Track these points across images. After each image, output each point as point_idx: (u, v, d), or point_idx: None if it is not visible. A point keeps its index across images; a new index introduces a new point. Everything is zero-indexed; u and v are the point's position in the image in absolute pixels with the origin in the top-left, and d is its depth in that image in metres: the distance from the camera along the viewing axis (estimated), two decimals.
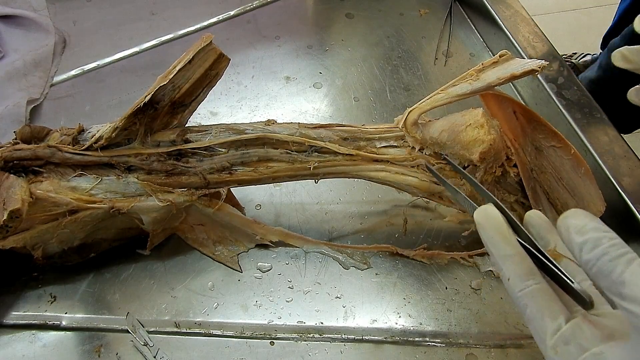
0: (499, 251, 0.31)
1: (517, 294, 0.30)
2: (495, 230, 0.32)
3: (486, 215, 0.33)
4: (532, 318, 0.29)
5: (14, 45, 0.73)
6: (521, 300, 0.30)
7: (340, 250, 0.53)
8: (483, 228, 0.32)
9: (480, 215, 0.33)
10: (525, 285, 0.30)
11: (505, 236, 0.31)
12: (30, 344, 0.47)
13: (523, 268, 0.30)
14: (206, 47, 0.47)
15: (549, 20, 1.79)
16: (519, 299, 0.30)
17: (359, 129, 0.51)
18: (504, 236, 0.31)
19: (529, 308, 0.29)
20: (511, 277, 0.30)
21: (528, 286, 0.30)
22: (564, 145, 0.49)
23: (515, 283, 0.30)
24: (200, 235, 0.53)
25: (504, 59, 0.47)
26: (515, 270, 0.30)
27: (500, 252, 0.31)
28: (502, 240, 0.31)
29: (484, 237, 0.32)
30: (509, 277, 0.30)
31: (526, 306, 0.30)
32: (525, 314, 0.30)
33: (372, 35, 0.79)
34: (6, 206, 0.44)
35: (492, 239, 0.32)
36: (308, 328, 0.48)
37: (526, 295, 0.30)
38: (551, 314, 0.29)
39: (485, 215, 0.33)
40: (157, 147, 0.49)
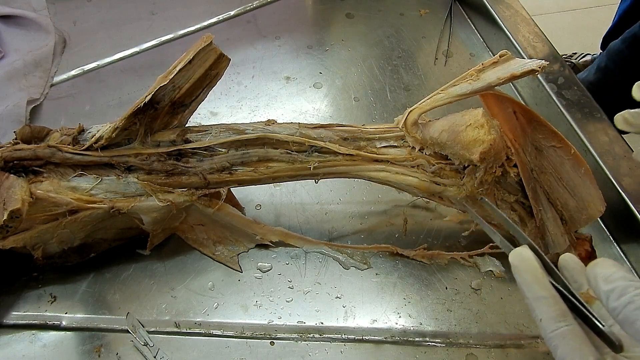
0: (533, 293, 0.32)
1: (549, 334, 0.31)
2: (529, 273, 0.33)
3: (521, 258, 0.34)
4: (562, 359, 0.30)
5: (14, 45, 0.73)
6: (553, 340, 0.31)
7: (341, 250, 0.53)
8: (518, 271, 0.34)
9: (515, 257, 0.34)
10: (557, 327, 0.31)
11: (539, 279, 0.33)
12: (30, 344, 0.47)
13: (555, 310, 0.31)
14: (206, 48, 0.47)
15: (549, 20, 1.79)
16: (550, 340, 0.31)
17: (359, 129, 0.50)
18: (538, 279, 0.33)
19: (559, 349, 0.30)
20: (544, 318, 0.32)
21: (560, 327, 0.31)
22: (564, 145, 0.49)
23: (547, 324, 0.31)
24: (200, 235, 0.53)
25: (504, 59, 0.47)
26: (548, 312, 0.32)
27: (534, 294, 0.32)
28: (536, 283, 0.33)
29: (519, 279, 0.34)
30: (541, 318, 0.32)
31: (557, 347, 0.31)
32: (557, 354, 0.31)
33: (372, 35, 0.79)
34: (6, 206, 0.44)
35: (526, 282, 0.33)
36: (308, 328, 0.48)
37: (557, 336, 0.31)
38: (581, 356, 0.30)
39: (520, 258, 0.34)
40: (157, 147, 0.49)
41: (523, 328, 0.49)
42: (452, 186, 0.48)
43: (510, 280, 0.52)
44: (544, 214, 0.49)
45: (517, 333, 0.48)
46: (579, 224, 0.50)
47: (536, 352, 0.47)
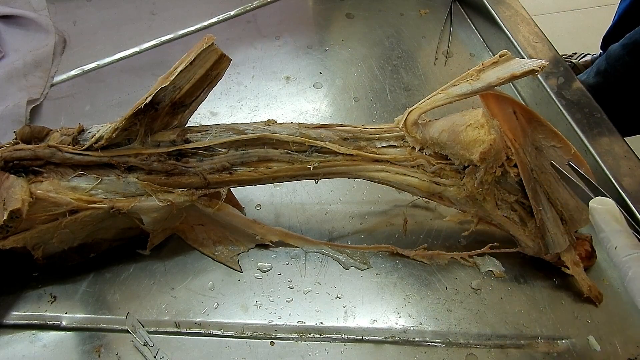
0: (610, 227, 0.37)
1: (622, 259, 0.35)
2: (609, 213, 0.38)
3: (602, 201, 0.39)
4: (634, 277, 0.35)
5: (14, 45, 0.73)
6: (626, 263, 0.35)
7: (340, 250, 0.53)
8: (597, 211, 0.38)
9: (596, 200, 0.39)
10: (632, 252, 0.35)
11: (618, 217, 0.37)
12: (30, 344, 0.47)
13: (631, 240, 0.36)
14: (208, 49, 0.47)
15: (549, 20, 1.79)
16: (623, 263, 0.35)
17: (359, 129, 0.50)
18: (616, 217, 0.37)
19: (632, 269, 0.35)
20: (619, 246, 0.36)
21: (634, 252, 0.35)
22: (564, 145, 0.49)
23: (622, 251, 0.36)
24: (200, 235, 0.53)
25: (504, 59, 0.47)
26: (624, 241, 0.36)
27: (612, 228, 0.37)
28: (614, 220, 0.37)
29: (597, 217, 0.38)
30: (617, 246, 0.36)
31: (630, 268, 0.35)
32: (628, 275, 0.35)
33: (372, 35, 0.79)
34: (6, 206, 0.44)
35: (605, 219, 0.37)
36: (308, 328, 0.48)
37: (631, 259, 0.35)
38: None
39: (600, 201, 0.39)
40: (157, 147, 0.49)
41: (523, 328, 0.49)
42: (452, 186, 0.48)
43: (510, 280, 0.52)
44: (544, 214, 0.49)
45: (517, 333, 0.48)
46: (579, 224, 0.50)
47: (536, 352, 0.47)
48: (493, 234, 0.54)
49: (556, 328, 0.48)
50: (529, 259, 0.52)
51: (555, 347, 0.47)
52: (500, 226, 0.51)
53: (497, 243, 0.52)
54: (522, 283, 0.52)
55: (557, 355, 0.47)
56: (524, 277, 0.52)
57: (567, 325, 0.49)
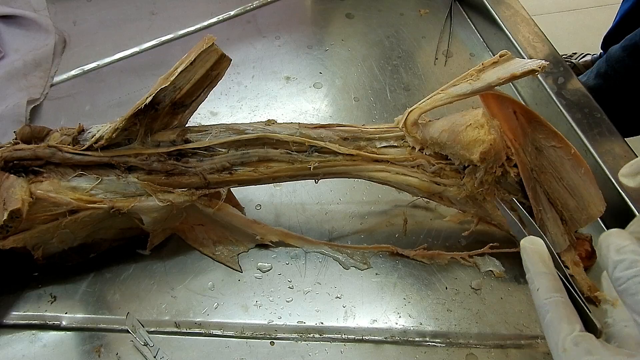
0: (536, 269, 0.36)
1: (542, 301, 0.34)
2: (537, 254, 0.37)
3: (532, 241, 0.38)
4: (550, 321, 0.33)
5: (14, 45, 0.73)
6: (545, 307, 0.34)
7: (341, 250, 0.53)
8: (526, 251, 0.37)
9: (527, 240, 0.38)
10: (552, 296, 0.34)
11: (544, 259, 0.36)
12: (30, 344, 0.47)
13: (553, 284, 0.35)
14: (208, 49, 0.47)
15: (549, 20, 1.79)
16: (543, 306, 0.34)
17: (359, 129, 0.50)
18: (543, 259, 0.36)
19: (549, 313, 0.34)
20: (540, 288, 0.35)
21: (554, 297, 0.34)
22: (564, 145, 0.49)
23: (543, 293, 0.35)
24: (200, 235, 0.53)
25: (504, 59, 0.47)
26: (546, 284, 0.35)
27: (537, 269, 0.36)
28: (540, 261, 0.36)
29: (525, 257, 0.37)
30: (538, 287, 0.35)
31: (547, 312, 0.34)
32: (545, 318, 0.34)
33: (372, 35, 0.79)
34: (6, 206, 0.44)
35: (532, 260, 0.37)
36: (308, 328, 0.48)
37: (550, 303, 0.34)
38: (569, 321, 0.33)
39: (531, 241, 0.38)
40: (157, 147, 0.49)
41: (523, 328, 0.49)
42: (452, 186, 0.48)
43: (510, 280, 0.52)
44: (544, 214, 0.49)
45: (517, 333, 0.48)
46: (579, 224, 0.50)
47: (536, 352, 0.47)
48: (493, 234, 0.54)
49: None
50: None
51: None
52: (500, 226, 0.51)
53: (497, 243, 0.52)
54: (522, 283, 0.52)
55: None
56: (524, 277, 0.52)
57: None
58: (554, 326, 0.33)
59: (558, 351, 0.32)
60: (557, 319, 0.33)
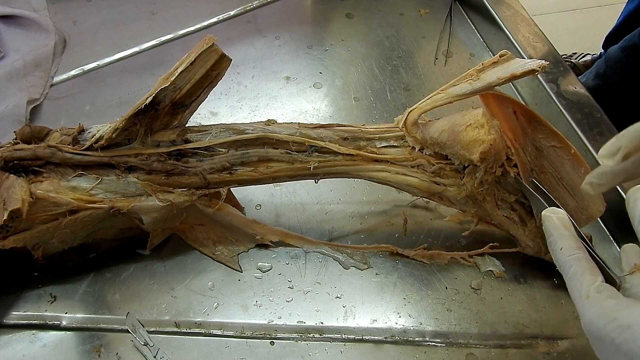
0: (558, 232, 0.38)
1: (566, 257, 0.36)
2: (559, 220, 0.39)
3: (553, 210, 0.40)
4: (574, 274, 0.35)
5: (14, 45, 0.73)
6: (568, 262, 0.36)
7: (340, 250, 0.53)
8: (547, 218, 0.40)
9: (548, 210, 0.40)
10: (575, 252, 0.36)
11: (565, 224, 0.39)
12: (30, 344, 0.47)
13: (575, 243, 0.37)
14: (208, 49, 0.47)
15: (549, 20, 1.79)
16: (566, 262, 0.36)
17: (359, 129, 0.50)
18: (565, 223, 0.39)
19: (573, 267, 0.35)
20: (564, 247, 0.37)
21: (577, 253, 0.36)
22: (564, 145, 0.49)
23: (567, 250, 0.37)
24: (200, 235, 0.53)
25: (504, 59, 0.47)
26: (569, 243, 0.37)
27: (559, 232, 0.38)
28: (562, 225, 0.39)
29: (547, 223, 0.39)
30: (562, 247, 0.37)
31: (571, 266, 0.35)
32: (569, 272, 0.35)
33: (372, 35, 0.79)
34: (6, 206, 0.44)
35: (554, 224, 0.39)
36: (308, 328, 0.48)
37: (574, 258, 0.36)
38: (592, 273, 0.35)
39: (552, 210, 0.40)
40: (157, 147, 0.49)
41: (523, 328, 0.49)
42: (452, 186, 0.48)
43: (510, 280, 0.52)
44: None
45: (517, 333, 0.48)
46: (579, 224, 0.50)
47: (536, 352, 0.47)
48: (493, 234, 0.54)
49: (556, 328, 0.48)
50: (529, 259, 0.52)
51: (555, 347, 0.47)
52: (500, 226, 0.51)
53: (497, 243, 0.52)
54: (522, 283, 0.52)
55: (557, 355, 0.47)
56: (524, 277, 0.52)
57: (567, 325, 0.49)
58: (577, 277, 0.35)
59: (581, 298, 0.34)
60: (580, 271, 0.35)
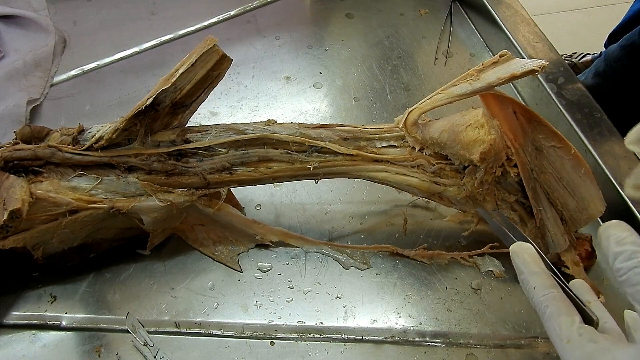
0: (528, 269, 0.38)
1: (540, 298, 0.36)
2: (528, 255, 0.39)
3: (521, 246, 0.40)
4: (551, 316, 0.35)
5: (14, 45, 0.72)
6: (543, 302, 0.35)
7: (341, 250, 0.53)
8: (517, 254, 0.39)
9: (516, 245, 0.40)
10: (549, 292, 0.36)
11: (535, 260, 0.38)
12: (30, 344, 0.47)
13: (547, 281, 0.36)
14: (209, 50, 0.47)
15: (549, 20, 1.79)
16: (541, 302, 0.35)
17: (359, 129, 0.50)
18: (534, 259, 0.38)
19: (549, 308, 0.35)
20: (537, 286, 0.36)
21: (551, 292, 0.36)
22: (564, 145, 0.49)
23: (540, 290, 0.36)
24: (200, 235, 0.53)
25: (504, 59, 0.47)
26: (541, 281, 0.36)
27: (530, 269, 0.38)
28: (532, 261, 0.38)
29: (517, 260, 0.39)
30: (535, 286, 0.36)
31: (547, 307, 0.35)
32: (545, 314, 0.35)
33: (371, 35, 0.79)
34: (6, 206, 0.44)
35: (524, 261, 0.38)
36: (308, 328, 0.48)
37: (548, 298, 0.35)
38: (568, 313, 0.34)
39: (520, 246, 0.40)
40: (157, 147, 0.49)
41: (523, 328, 0.49)
42: (452, 186, 0.48)
43: (510, 280, 0.52)
44: (544, 214, 0.49)
45: (517, 333, 0.48)
46: (579, 224, 0.50)
47: (536, 352, 0.47)
48: (493, 234, 0.54)
49: None
50: None
51: None
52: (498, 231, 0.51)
53: (497, 243, 0.52)
54: None
55: (557, 355, 0.46)
56: None
57: None
58: (555, 319, 0.34)
59: (562, 343, 0.33)
60: (556, 312, 0.34)
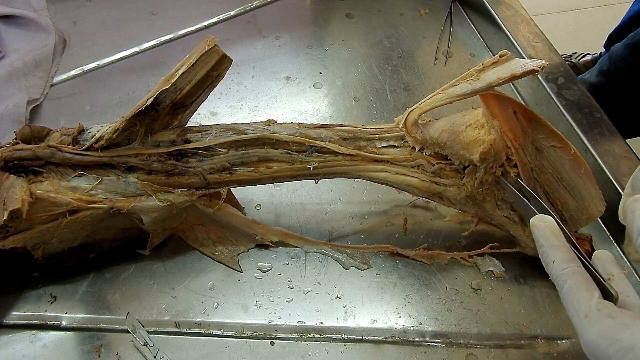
0: (549, 242, 0.37)
1: (559, 272, 0.35)
2: (548, 228, 0.38)
3: (542, 219, 0.39)
4: (569, 290, 0.34)
5: (14, 45, 0.73)
6: (562, 276, 0.35)
7: (341, 250, 0.53)
8: (537, 227, 0.38)
9: (537, 218, 0.39)
10: (568, 266, 0.35)
11: (556, 233, 0.38)
12: (30, 344, 0.47)
13: (567, 255, 0.36)
14: (210, 50, 0.47)
15: (549, 20, 1.79)
16: (560, 276, 0.35)
17: (359, 129, 0.50)
18: (555, 233, 0.38)
19: (567, 283, 0.34)
20: (556, 259, 0.36)
21: (570, 266, 0.35)
22: (564, 145, 0.49)
23: (559, 264, 0.35)
24: (200, 235, 0.53)
25: (504, 59, 0.47)
26: (561, 255, 0.36)
27: (550, 243, 0.37)
28: (552, 235, 0.37)
29: (537, 233, 0.38)
30: (554, 260, 0.36)
31: (565, 282, 0.34)
32: (564, 288, 0.34)
33: (371, 35, 0.79)
34: (6, 206, 0.44)
35: (544, 234, 0.38)
36: (308, 328, 0.48)
37: (567, 273, 0.35)
38: (587, 288, 0.34)
39: (541, 219, 0.39)
40: (157, 147, 0.49)
41: (523, 328, 0.49)
42: (452, 186, 0.48)
43: (510, 280, 0.52)
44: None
45: (517, 333, 0.48)
46: (579, 224, 0.50)
47: (536, 352, 0.47)
48: (493, 234, 0.54)
49: (556, 328, 0.48)
50: (529, 259, 0.52)
51: (555, 347, 0.47)
52: (500, 226, 0.51)
53: (497, 243, 0.52)
54: (522, 283, 0.52)
55: (557, 355, 0.47)
56: (524, 277, 0.52)
57: (567, 325, 0.49)
58: (573, 294, 0.34)
59: (580, 317, 0.33)
60: (575, 287, 0.34)
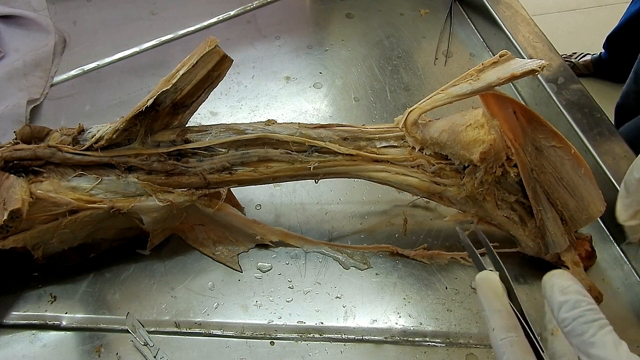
0: (490, 306, 0.35)
1: (498, 342, 0.33)
2: (491, 290, 0.36)
3: (486, 277, 0.37)
4: None
5: (14, 45, 0.73)
6: (501, 348, 0.33)
7: (341, 250, 0.53)
8: (480, 287, 0.37)
9: (481, 276, 0.38)
10: (507, 336, 0.33)
11: (499, 296, 0.36)
12: (30, 344, 0.47)
13: (508, 322, 0.34)
14: (210, 51, 0.47)
15: (549, 20, 1.79)
16: (499, 347, 0.33)
17: (359, 129, 0.50)
18: (497, 295, 0.36)
19: (505, 355, 0.33)
20: (496, 327, 0.34)
21: (509, 336, 0.33)
22: (564, 145, 0.49)
23: (499, 333, 0.34)
24: (200, 235, 0.53)
25: (504, 59, 0.47)
26: (501, 323, 0.34)
27: (492, 307, 0.35)
28: (495, 299, 0.35)
29: (480, 293, 0.36)
30: (494, 327, 0.34)
31: (504, 353, 0.33)
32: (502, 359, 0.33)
33: (371, 35, 0.79)
34: (6, 206, 0.44)
35: (486, 297, 0.36)
36: (308, 328, 0.48)
37: (506, 343, 0.33)
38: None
39: (485, 277, 0.37)
40: (157, 147, 0.49)
41: None
42: (452, 186, 0.48)
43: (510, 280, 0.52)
44: (544, 214, 0.49)
45: None
46: (579, 224, 0.50)
47: None
48: (493, 234, 0.54)
49: None
50: (529, 259, 0.52)
51: None
52: (500, 226, 0.51)
53: (497, 243, 0.52)
54: (522, 283, 0.52)
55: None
56: (524, 277, 0.52)
57: None
58: None
59: None
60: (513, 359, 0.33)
